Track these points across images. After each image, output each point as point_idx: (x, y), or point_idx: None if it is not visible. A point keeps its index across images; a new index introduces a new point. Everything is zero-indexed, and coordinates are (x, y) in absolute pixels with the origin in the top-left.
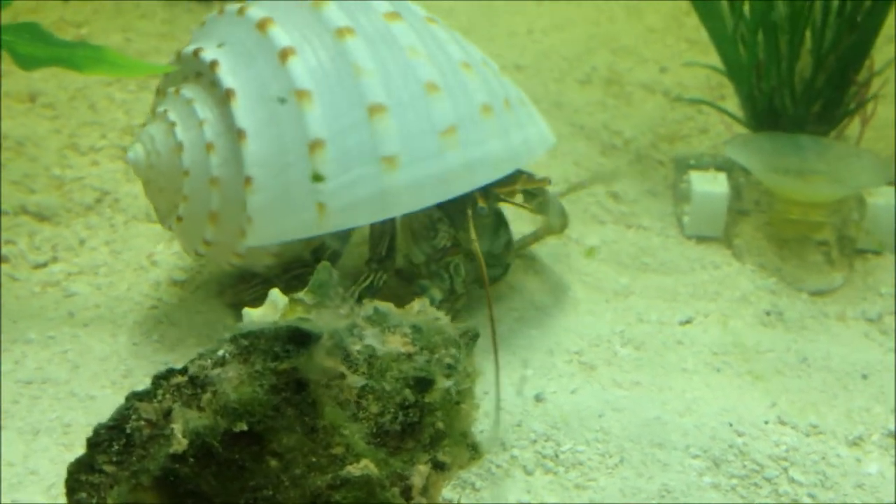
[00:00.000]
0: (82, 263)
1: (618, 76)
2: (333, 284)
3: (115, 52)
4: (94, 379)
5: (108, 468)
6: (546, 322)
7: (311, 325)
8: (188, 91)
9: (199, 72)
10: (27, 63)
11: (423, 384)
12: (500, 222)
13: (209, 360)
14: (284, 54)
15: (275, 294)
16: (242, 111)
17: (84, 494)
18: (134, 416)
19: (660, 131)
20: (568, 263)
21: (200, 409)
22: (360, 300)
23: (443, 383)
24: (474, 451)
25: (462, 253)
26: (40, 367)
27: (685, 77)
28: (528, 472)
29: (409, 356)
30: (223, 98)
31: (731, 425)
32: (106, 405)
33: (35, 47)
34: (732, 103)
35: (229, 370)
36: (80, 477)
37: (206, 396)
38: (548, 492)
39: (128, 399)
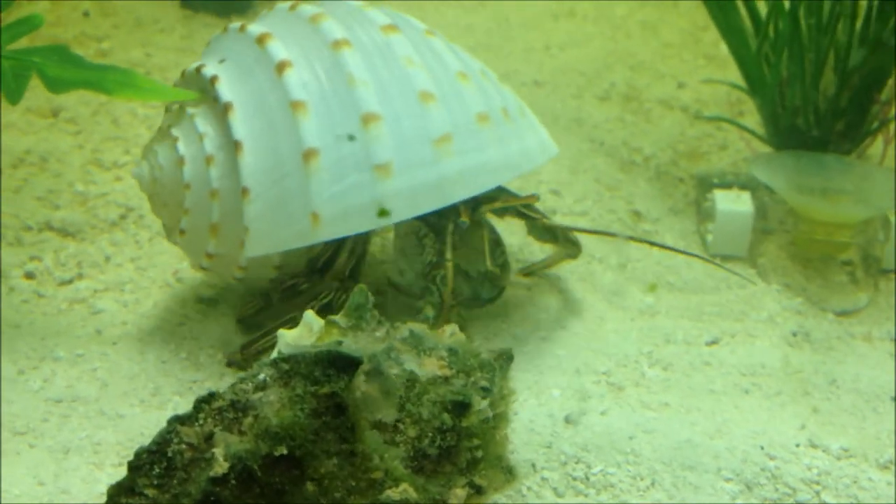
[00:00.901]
0: (108, 280)
1: (636, 92)
2: (369, 307)
3: (143, 76)
4: (124, 397)
5: (149, 491)
6: (572, 342)
7: (352, 350)
8: (190, 107)
9: (201, 88)
10: (56, 86)
11: (460, 408)
12: (496, 243)
13: (250, 384)
14: (281, 67)
15: (310, 316)
16: (240, 123)
17: None
18: (175, 440)
19: (679, 148)
20: (592, 282)
21: (241, 433)
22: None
23: (479, 406)
24: (509, 473)
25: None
26: (70, 385)
27: (703, 93)
28: (559, 495)
29: (446, 379)
30: (223, 111)
31: (762, 448)
32: (135, 424)
33: (64, 70)
34: (751, 120)
35: (270, 394)
36: (119, 500)
37: (248, 420)
38: None
39: (169, 423)
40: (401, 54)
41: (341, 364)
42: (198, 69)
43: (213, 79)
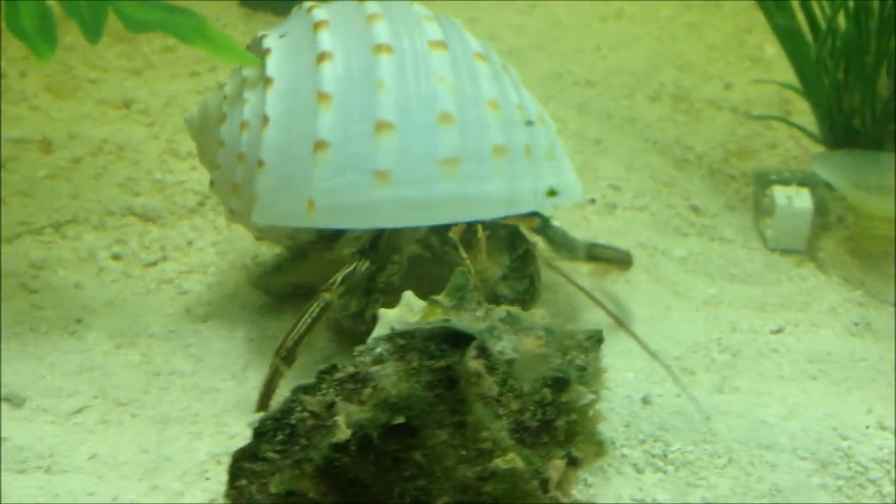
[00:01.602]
0: (191, 263)
1: (685, 92)
2: (470, 288)
3: (216, 29)
4: (216, 372)
5: (272, 456)
6: (641, 329)
7: (465, 326)
8: (248, 71)
9: (261, 56)
10: (133, 25)
11: (560, 384)
12: (526, 264)
13: (368, 357)
14: (322, 57)
15: (409, 296)
16: (273, 99)
17: (245, 481)
18: (298, 409)
19: (729, 146)
20: (656, 274)
21: (361, 402)
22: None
23: (577, 383)
24: (600, 447)
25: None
26: (166, 360)
27: (751, 93)
28: (639, 471)
29: (544, 357)
30: (264, 84)
31: (834, 429)
32: (230, 397)
33: (141, 10)
34: (800, 119)
35: (387, 367)
36: (243, 464)
37: (367, 391)
38: (659, 490)
39: (293, 392)
40: (436, 71)
41: (455, 339)
42: (262, 38)
43: (267, 51)
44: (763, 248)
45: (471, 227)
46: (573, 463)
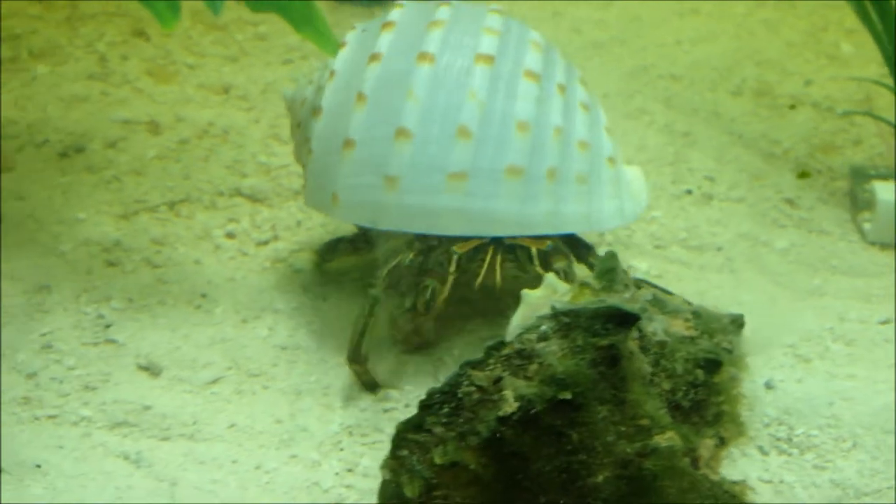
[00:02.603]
0: (302, 242)
1: (767, 88)
2: (620, 271)
3: (324, 21)
4: (341, 349)
5: (437, 429)
6: (751, 318)
7: (630, 306)
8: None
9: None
10: (255, 5)
11: (712, 365)
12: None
13: (534, 335)
14: (373, 58)
15: (551, 278)
16: (330, 92)
17: (406, 452)
18: (465, 383)
19: (814, 142)
20: (759, 263)
21: (527, 378)
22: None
23: (728, 365)
24: (740, 428)
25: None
26: (290, 334)
27: (831, 90)
28: (764, 453)
29: (692, 339)
30: (329, 76)
31: None
32: None
33: None
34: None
35: (552, 344)
36: (406, 435)
37: (533, 367)
38: (786, 471)
39: (461, 367)
40: (470, 85)
41: (620, 319)
42: (355, 26)
43: (343, 43)
44: (861, 241)
45: (487, 244)
46: (721, 442)
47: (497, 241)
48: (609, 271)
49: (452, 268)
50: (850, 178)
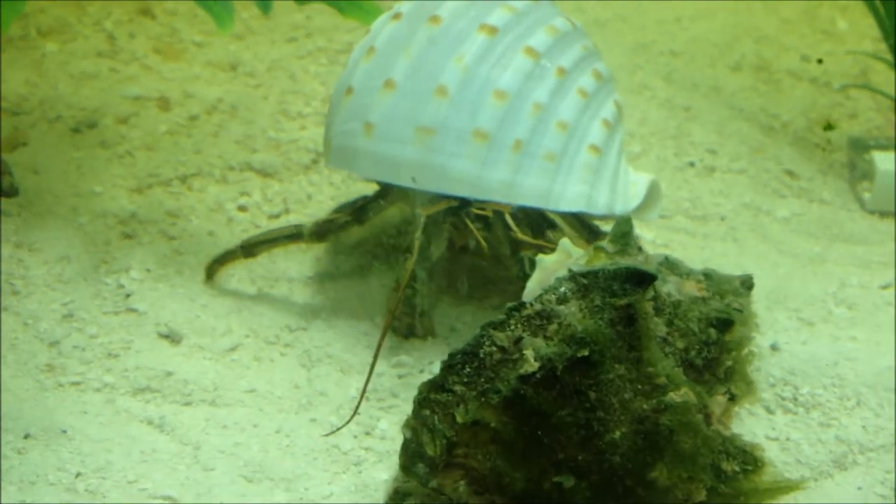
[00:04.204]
0: (313, 214)
1: (766, 63)
2: (634, 235)
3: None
4: (356, 317)
5: (458, 388)
6: (757, 284)
7: (647, 267)
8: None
9: None
10: None
11: (724, 324)
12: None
13: (553, 296)
14: (394, 17)
15: (565, 243)
16: (356, 49)
17: (428, 412)
18: (487, 343)
19: (811, 115)
20: (762, 232)
21: (547, 338)
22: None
23: (739, 324)
24: (749, 386)
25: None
26: (306, 303)
27: (829, 65)
28: (771, 412)
29: (705, 300)
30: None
31: None
32: (371, 340)
33: None
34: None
35: (571, 305)
36: (429, 395)
37: (552, 327)
38: (792, 429)
39: (483, 328)
40: (460, 49)
41: (638, 279)
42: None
43: (369, 29)
44: (860, 210)
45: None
46: (732, 399)
47: (465, 205)
48: (623, 235)
49: (419, 232)
50: (848, 150)
